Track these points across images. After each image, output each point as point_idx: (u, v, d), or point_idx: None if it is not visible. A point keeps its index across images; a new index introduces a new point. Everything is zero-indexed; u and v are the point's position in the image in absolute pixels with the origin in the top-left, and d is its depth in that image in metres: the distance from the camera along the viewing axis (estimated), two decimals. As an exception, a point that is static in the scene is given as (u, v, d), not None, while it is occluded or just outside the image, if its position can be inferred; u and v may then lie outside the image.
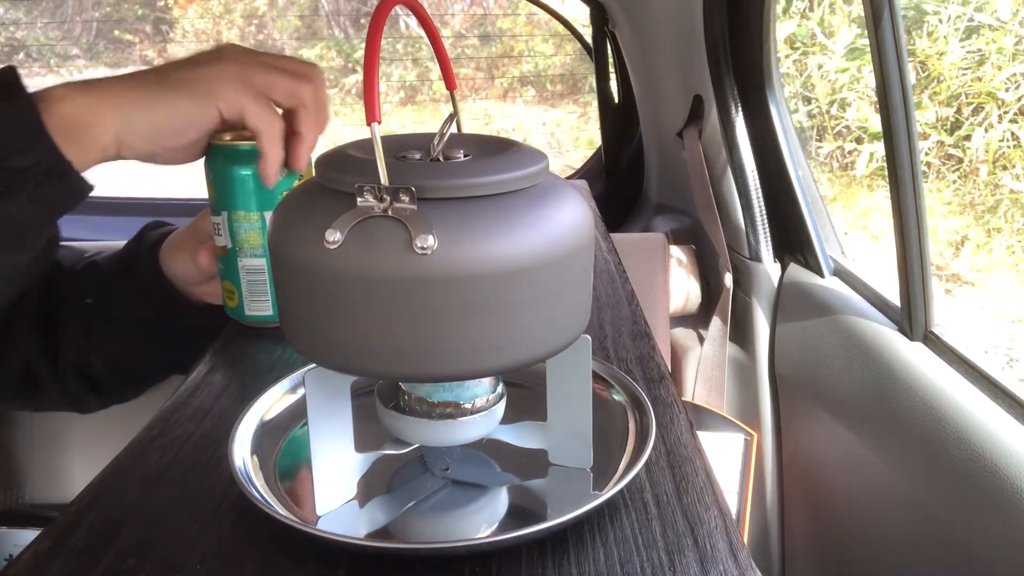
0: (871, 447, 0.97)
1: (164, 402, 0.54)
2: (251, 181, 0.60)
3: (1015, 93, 2.73)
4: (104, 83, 0.54)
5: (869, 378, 0.98)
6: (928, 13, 2.83)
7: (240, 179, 0.60)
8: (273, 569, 0.38)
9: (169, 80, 0.55)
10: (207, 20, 4.34)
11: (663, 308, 1.40)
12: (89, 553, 0.39)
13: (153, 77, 0.56)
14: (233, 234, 0.62)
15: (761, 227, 1.28)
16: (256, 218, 0.61)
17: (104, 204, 1.87)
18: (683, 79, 1.38)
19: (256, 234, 0.61)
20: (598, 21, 1.73)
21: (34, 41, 4.01)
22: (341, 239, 0.34)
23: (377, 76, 0.35)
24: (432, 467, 0.44)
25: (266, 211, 0.61)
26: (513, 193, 0.36)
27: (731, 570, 0.37)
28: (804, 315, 1.17)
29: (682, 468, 0.45)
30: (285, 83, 0.56)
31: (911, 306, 0.94)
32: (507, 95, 4.28)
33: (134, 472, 0.46)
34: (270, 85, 0.56)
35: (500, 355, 0.36)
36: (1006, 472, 0.73)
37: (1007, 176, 2.82)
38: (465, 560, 0.38)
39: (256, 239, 0.62)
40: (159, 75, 0.56)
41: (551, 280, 0.36)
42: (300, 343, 0.38)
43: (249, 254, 0.62)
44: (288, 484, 0.44)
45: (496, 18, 4.22)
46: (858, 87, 3.04)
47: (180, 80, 0.55)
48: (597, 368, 0.51)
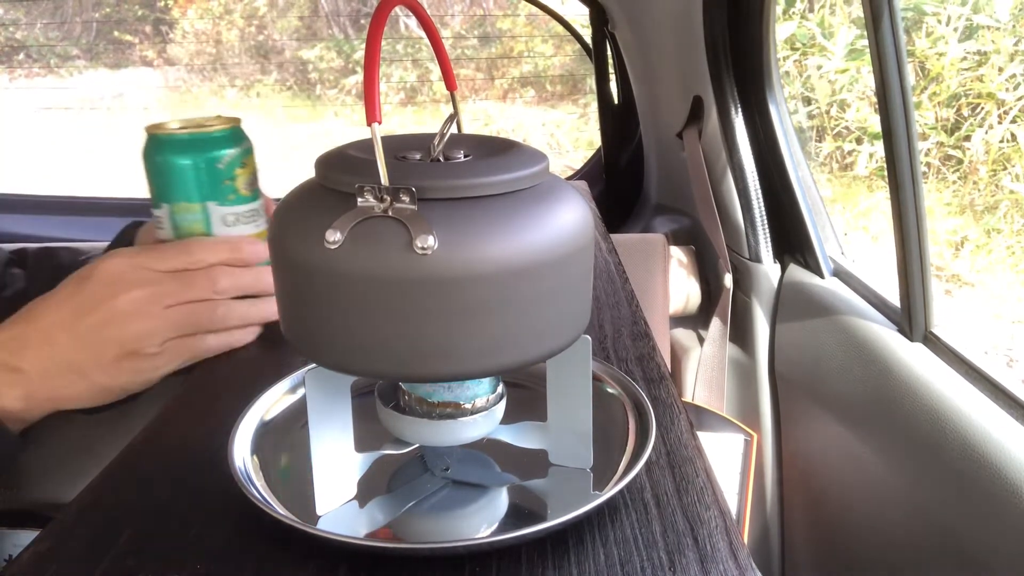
0: (871, 448, 0.97)
1: (164, 402, 0.54)
2: (191, 171, 0.58)
3: (1014, 94, 2.73)
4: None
5: (869, 379, 0.98)
6: (928, 14, 2.83)
7: (180, 170, 0.58)
8: (273, 569, 0.38)
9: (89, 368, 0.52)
10: (207, 20, 4.34)
11: (663, 308, 1.40)
12: (89, 553, 0.39)
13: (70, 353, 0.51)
14: (176, 227, 0.59)
15: (761, 227, 1.28)
16: (198, 209, 0.59)
17: (105, 205, 1.88)
18: (683, 80, 1.38)
19: (199, 225, 0.59)
20: (598, 22, 1.73)
21: (34, 41, 4.01)
22: (341, 239, 0.34)
23: (377, 76, 0.35)
24: (432, 467, 0.44)
25: (208, 201, 0.59)
26: (513, 193, 0.36)
27: (731, 570, 0.37)
28: (804, 316, 1.17)
29: (682, 468, 0.45)
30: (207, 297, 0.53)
31: (911, 307, 0.94)
32: (507, 96, 4.28)
33: (134, 472, 0.46)
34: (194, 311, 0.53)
35: (500, 355, 0.36)
36: (1006, 472, 0.73)
37: (1007, 177, 2.82)
38: (465, 560, 0.38)
39: (199, 230, 0.59)
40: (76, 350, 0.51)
41: (551, 280, 0.36)
42: (300, 343, 0.38)
43: None
44: (288, 484, 0.44)
45: (496, 19, 4.23)
46: (858, 87, 3.04)
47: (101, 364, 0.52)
48: (597, 368, 0.51)
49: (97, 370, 0.52)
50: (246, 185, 0.61)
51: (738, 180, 1.29)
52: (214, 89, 4.52)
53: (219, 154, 0.58)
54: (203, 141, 0.58)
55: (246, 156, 0.61)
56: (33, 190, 1.97)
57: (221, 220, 0.60)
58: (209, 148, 0.58)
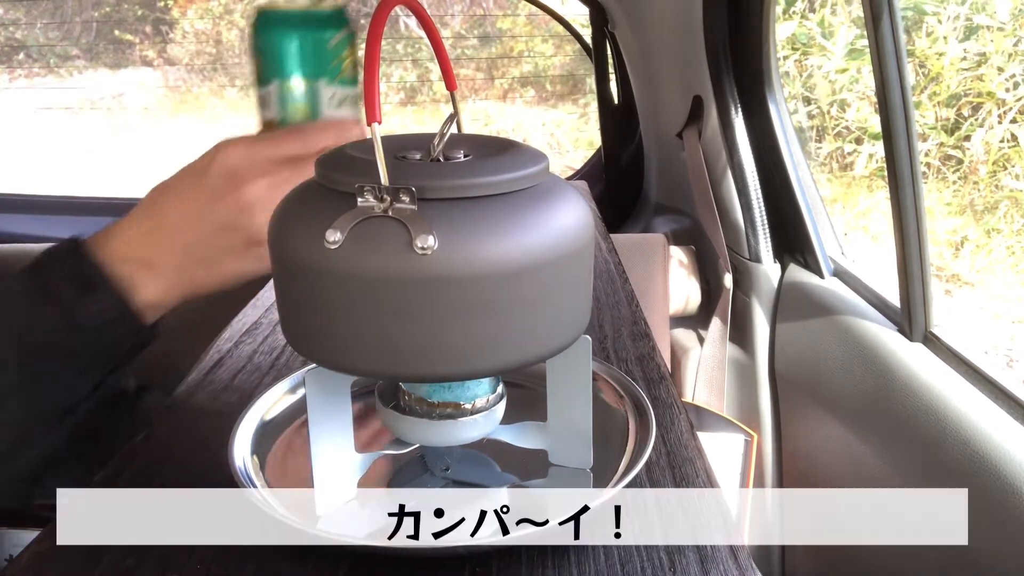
0: (871, 447, 0.97)
1: (164, 402, 0.54)
2: (307, 46, 0.58)
3: (1014, 93, 2.73)
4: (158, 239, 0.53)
5: (869, 379, 0.98)
6: (928, 14, 2.83)
7: (294, 44, 0.58)
8: (273, 569, 0.38)
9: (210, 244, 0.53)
10: (207, 20, 4.34)
11: (663, 308, 1.41)
12: (89, 553, 0.39)
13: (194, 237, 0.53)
14: (284, 104, 0.59)
15: (761, 228, 1.28)
16: (308, 86, 0.59)
17: (105, 205, 1.88)
18: (683, 79, 1.38)
19: (307, 103, 0.59)
20: (598, 22, 1.73)
21: (34, 41, 4.01)
22: (341, 239, 0.34)
23: (377, 76, 0.35)
24: (432, 467, 0.44)
25: (319, 79, 0.59)
26: (513, 193, 0.36)
27: (731, 570, 0.37)
28: (804, 316, 1.17)
29: (682, 468, 0.45)
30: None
31: (911, 307, 0.94)
32: (507, 96, 4.28)
33: (134, 472, 0.46)
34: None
35: (500, 355, 0.36)
36: (1006, 472, 0.73)
37: (1007, 176, 2.82)
38: (465, 560, 0.38)
39: (307, 108, 0.59)
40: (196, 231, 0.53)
41: (551, 280, 0.36)
42: (300, 343, 0.38)
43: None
44: (288, 484, 0.44)
45: (496, 18, 4.23)
46: (858, 87, 3.04)
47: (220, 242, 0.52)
48: (597, 368, 0.51)
49: (229, 259, 0.53)
50: (352, 67, 0.61)
51: (738, 180, 1.29)
52: (214, 89, 4.52)
53: (330, 33, 0.59)
54: (316, 18, 0.59)
55: (351, 38, 0.61)
56: (33, 190, 1.97)
57: (329, 99, 0.60)
58: (323, 25, 0.59)
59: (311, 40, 0.58)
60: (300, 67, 0.59)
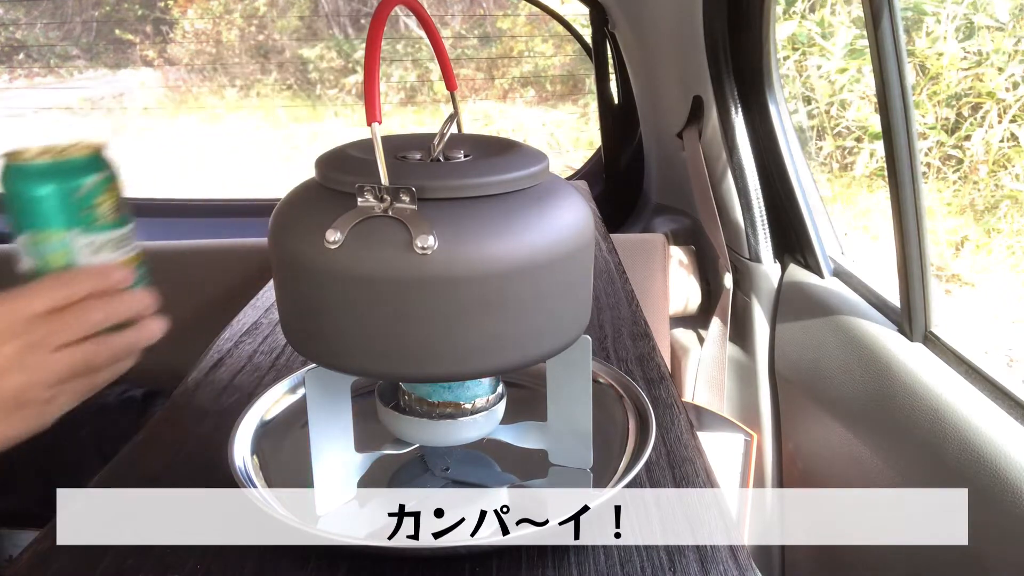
0: (871, 447, 0.97)
1: (164, 402, 0.54)
2: (51, 199, 0.55)
3: (1014, 93, 2.73)
4: None
5: (869, 378, 0.98)
6: (927, 14, 2.83)
7: (39, 198, 0.55)
8: (273, 569, 0.38)
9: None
10: (207, 20, 4.34)
11: (663, 308, 1.41)
12: (89, 553, 0.39)
13: None
14: (39, 256, 0.57)
15: (761, 228, 1.28)
16: (61, 237, 0.56)
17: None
18: (683, 80, 1.38)
19: (63, 254, 0.57)
20: (598, 22, 1.73)
21: (34, 41, 4.01)
22: (341, 239, 0.34)
23: (377, 76, 0.35)
24: (432, 467, 0.44)
25: (71, 229, 0.56)
26: (513, 193, 0.36)
27: (731, 570, 0.37)
28: (804, 315, 1.17)
29: (682, 468, 0.45)
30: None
31: (911, 307, 0.94)
32: (507, 96, 4.28)
33: (134, 472, 0.46)
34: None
35: (500, 355, 0.36)
36: (1006, 472, 0.73)
37: (1007, 176, 2.82)
38: (465, 560, 0.38)
39: (63, 259, 0.57)
40: None
41: (551, 280, 0.36)
42: (300, 343, 0.38)
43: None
44: (288, 484, 0.44)
45: (496, 18, 4.23)
46: (858, 87, 3.04)
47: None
48: (597, 368, 0.51)
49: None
50: (111, 211, 0.60)
51: (738, 180, 1.28)
52: (214, 89, 4.52)
53: (83, 180, 0.56)
54: (67, 167, 0.56)
55: (109, 182, 0.59)
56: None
57: (86, 248, 0.59)
58: (74, 174, 0.56)
59: (60, 192, 0.55)
60: (49, 220, 0.56)
